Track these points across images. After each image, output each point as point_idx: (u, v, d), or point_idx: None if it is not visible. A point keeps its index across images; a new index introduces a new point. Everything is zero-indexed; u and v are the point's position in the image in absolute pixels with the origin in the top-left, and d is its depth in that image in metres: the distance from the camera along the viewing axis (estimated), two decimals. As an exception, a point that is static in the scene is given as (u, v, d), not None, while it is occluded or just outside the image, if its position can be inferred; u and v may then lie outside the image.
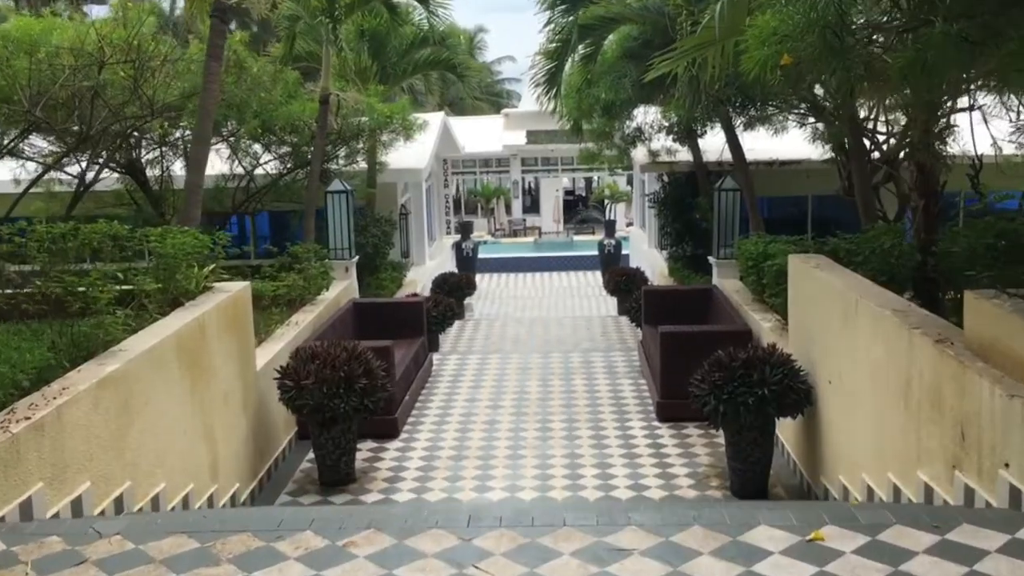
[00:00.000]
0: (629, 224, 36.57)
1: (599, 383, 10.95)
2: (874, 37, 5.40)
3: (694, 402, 7.63)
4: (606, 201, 39.18)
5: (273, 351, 8.76)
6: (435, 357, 12.29)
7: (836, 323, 6.83)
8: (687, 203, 16.60)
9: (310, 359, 7.97)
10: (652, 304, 11.57)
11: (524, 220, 40.31)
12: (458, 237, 26.42)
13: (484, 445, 8.96)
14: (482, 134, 38.09)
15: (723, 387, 7.33)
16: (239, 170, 13.86)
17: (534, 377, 11.26)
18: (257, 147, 13.65)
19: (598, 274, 27.42)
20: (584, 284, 27.08)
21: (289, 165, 13.91)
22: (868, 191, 10.10)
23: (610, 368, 11.64)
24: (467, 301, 20.43)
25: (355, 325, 11.18)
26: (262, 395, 8.17)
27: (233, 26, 15.01)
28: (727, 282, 11.59)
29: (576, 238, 37.55)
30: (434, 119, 20.22)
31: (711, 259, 12.11)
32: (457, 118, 45.20)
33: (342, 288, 11.67)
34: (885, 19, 5.50)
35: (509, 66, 59.91)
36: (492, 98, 58.84)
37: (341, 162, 14.69)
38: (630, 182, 40.13)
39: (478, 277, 27.35)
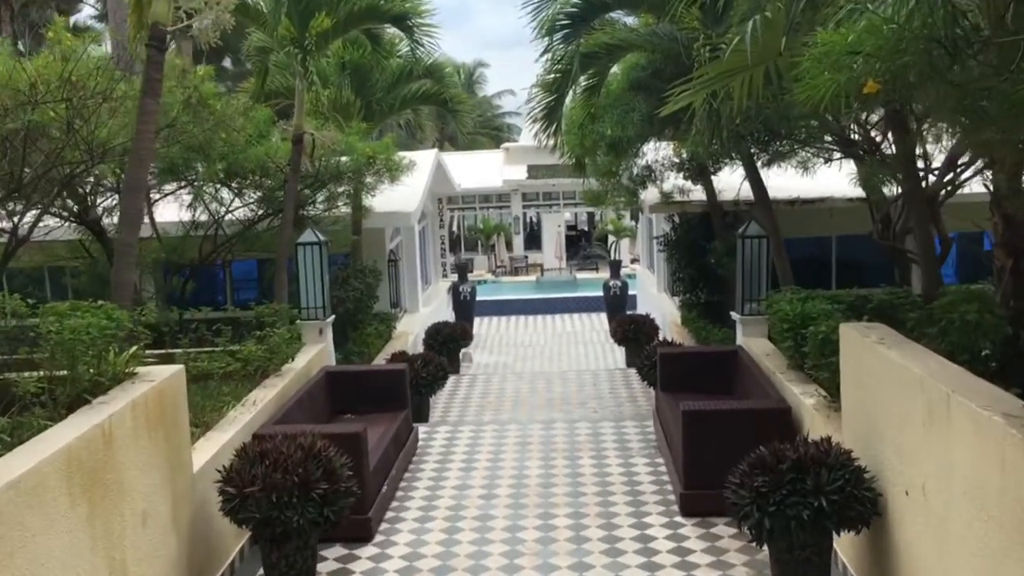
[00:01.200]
0: (634, 260, 35.25)
1: (610, 463, 9.44)
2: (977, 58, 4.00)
3: (730, 510, 6.15)
4: (609, 237, 37.84)
5: (221, 442, 7.29)
6: (423, 430, 10.80)
7: (916, 419, 5.36)
8: (700, 247, 15.20)
9: (258, 459, 6.51)
10: (669, 368, 10.10)
11: (526, 257, 39.07)
12: (455, 279, 25.01)
13: (474, 552, 7.46)
14: (481, 169, 36.95)
15: (768, 496, 5.85)
16: (204, 217, 12.47)
17: (535, 455, 9.75)
18: (225, 192, 12.27)
19: (603, 317, 26.01)
20: (588, 329, 25.62)
21: (260, 212, 12.53)
22: (929, 242, 8.66)
23: (622, 442, 10.14)
24: (464, 351, 19.00)
25: (328, 399, 9.71)
26: (202, 501, 6.70)
27: (201, 59, 13.68)
28: (754, 342, 10.12)
29: (579, 276, 36.25)
30: (426, 157, 18.91)
31: (735, 315, 10.66)
32: (455, 153, 44.13)
33: (314, 354, 10.21)
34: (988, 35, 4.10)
35: (509, 100, 59.18)
36: (492, 132, 57.91)
37: (320, 207, 13.31)
38: (634, 216, 38.97)
39: (477, 321, 25.95)
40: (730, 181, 14.98)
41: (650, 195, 14.85)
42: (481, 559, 7.32)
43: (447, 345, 17.11)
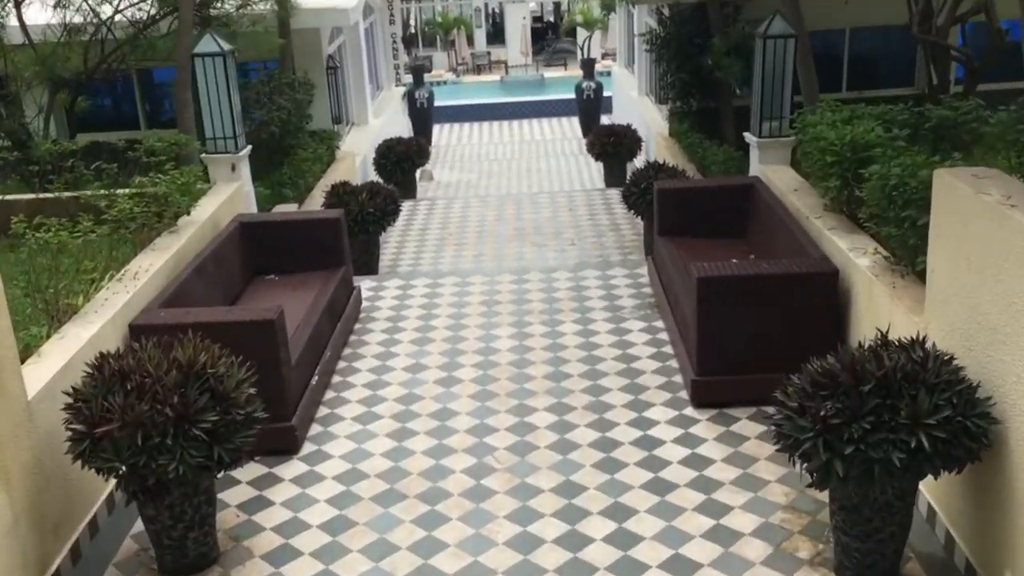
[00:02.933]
0: (606, 55, 32.43)
1: (598, 330, 7.66)
2: None
3: (779, 439, 4.41)
4: (579, 30, 34.72)
5: (79, 342, 5.36)
6: (367, 285, 8.90)
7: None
8: (696, 45, 12.85)
9: (117, 381, 4.60)
10: (669, 207, 8.16)
11: (488, 53, 36.13)
12: (410, 83, 22.40)
13: (431, 468, 5.77)
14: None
15: (842, 430, 4.09)
16: (79, 19, 9.91)
17: (505, 322, 7.93)
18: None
19: (575, 122, 23.78)
20: (560, 137, 23.38)
21: (153, 11, 9.96)
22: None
23: (610, 298, 8.33)
24: (423, 168, 16.89)
25: (244, 257, 7.71)
26: (48, 434, 4.85)
27: None
28: (775, 173, 8.15)
29: (547, 74, 33.52)
30: (367, -61, 15.92)
31: (749, 137, 8.60)
32: (408, -64, 39.83)
33: (224, 199, 8.10)
34: None
35: None
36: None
37: (231, 4, 10.72)
38: (605, 7, 35.60)
39: (436, 129, 23.64)
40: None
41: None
42: (438, 479, 5.64)
43: (400, 165, 14.98)
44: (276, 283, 7.71)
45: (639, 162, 15.25)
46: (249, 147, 8.69)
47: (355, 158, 14.29)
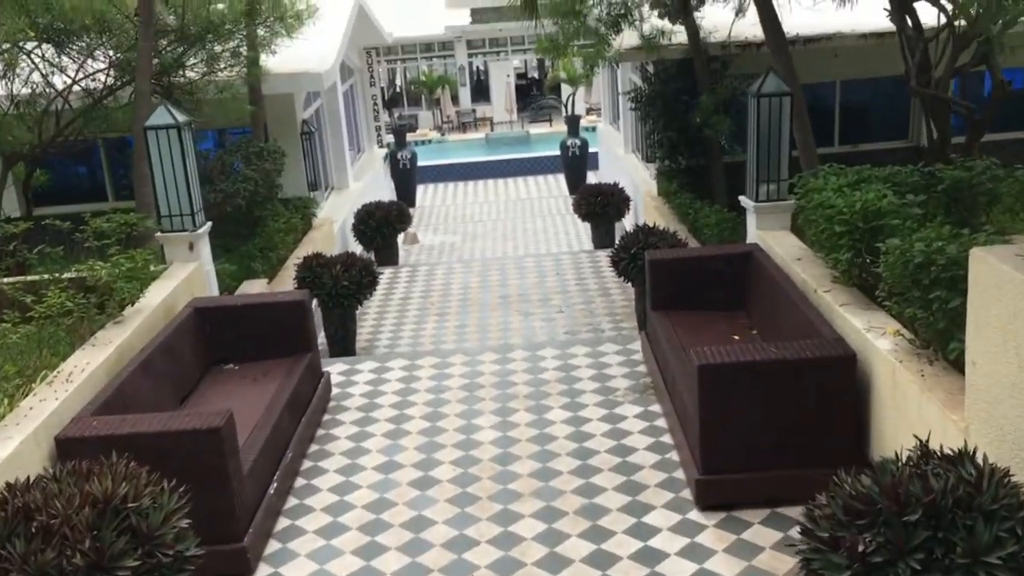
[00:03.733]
0: (591, 110, 32.20)
1: (589, 416, 6.96)
2: None
3: (805, 569, 3.72)
4: (563, 86, 34.53)
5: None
6: (338, 371, 8.20)
7: None
8: (683, 102, 12.38)
9: (20, 521, 3.88)
10: (662, 279, 7.52)
11: (474, 111, 35.86)
12: (392, 143, 21.94)
13: (402, 595, 5.04)
14: (421, 14, 33.09)
15: (887, 569, 3.40)
16: (26, 90, 9.34)
17: (488, 410, 7.23)
18: (56, 54, 9.09)
19: (561, 179, 23.34)
20: (546, 194, 22.91)
21: (112, 80, 9.39)
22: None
23: (602, 377, 7.65)
24: (407, 231, 16.30)
25: (200, 345, 7.01)
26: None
27: None
28: (775, 239, 7.55)
29: (532, 130, 33.22)
30: (342, 2, 15.52)
31: (745, 201, 8.01)
32: (392, -2, 39.88)
33: (179, 282, 7.43)
34: None
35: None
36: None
37: (196, 72, 10.17)
38: (588, 61, 35.47)
39: (420, 190, 23.14)
40: (715, 21, 12.06)
41: (628, 40, 11.77)
42: (412, 607, 4.90)
43: (381, 231, 14.38)
44: (235, 373, 7.01)
45: (627, 222, 14.70)
46: (209, 224, 8.06)
47: (333, 225, 13.68)
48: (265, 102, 12.16)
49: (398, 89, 37.73)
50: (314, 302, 9.79)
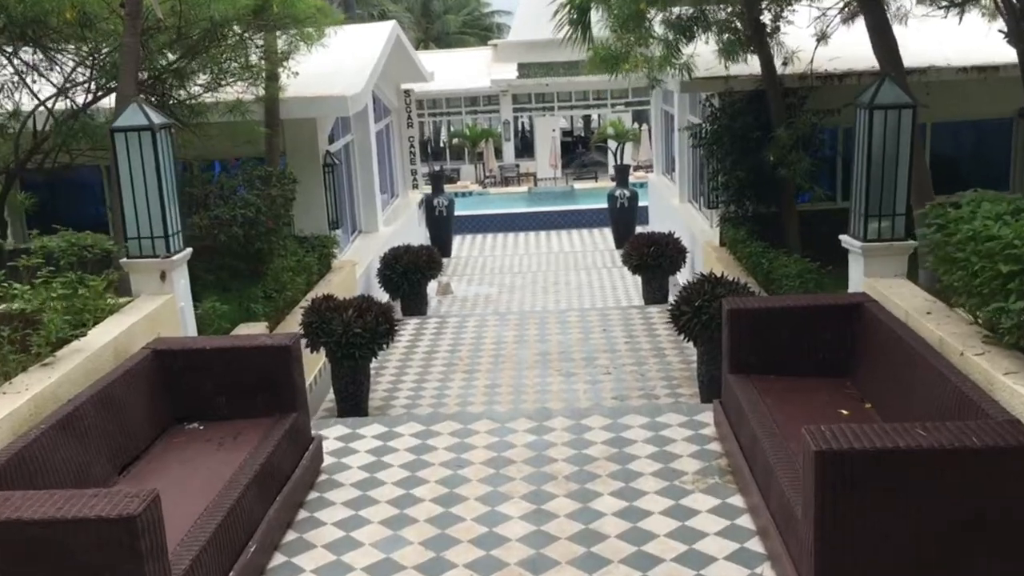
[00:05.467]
0: (638, 167, 30.94)
1: (649, 507, 5.33)
2: None
3: None
4: (609, 141, 33.38)
5: None
6: (335, 435, 6.67)
7: None
8: (753, 139, 10.90)
9: None
10: (744, 335, 5.94)
11: (517, 166, 34.82)
12: (428, 190, 20.72)
13: None
14: (467, 68, 32.42)
15: None
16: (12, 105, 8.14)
17: (517, 494, 5.63)
18: (30, 58, 7.87)
19: (607, 233, 21.88)
20: (591, 248, 21.45)
21: (97, 90, 8.15)
22: None
23: (664, 457, 6.03)
24: (440, 279, 14.91)
25: (156, 401, 5.54)
26: None
27: None
28: (891, 288, 5.95)
29: (577, 185, 32.04)
30: (379, 29, 14.39)
31: (849, 242, 6.43)
32: (438, 52, 39.42)
33: (140, 318, 5.99)
34: None
35: (500, -3, 54.00)
36: (480, 32, 52.65)
37: (199, 86, 8.90)
38: (637, 119, 34.22)
39: (458, 240, 21.84)
40: (788, 49, 10.64)
41: (701, 53, 10.22)
42: None
43: (408, 277, 12.98)
44: (198, 435, 5.53)
45: (682, 277, 13.17)
46: (188, 251, 6.67)
47: (355, 268, 12.31)
48: (284, 127, 10.91)
49: (442, 144, 36.92)
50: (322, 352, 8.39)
